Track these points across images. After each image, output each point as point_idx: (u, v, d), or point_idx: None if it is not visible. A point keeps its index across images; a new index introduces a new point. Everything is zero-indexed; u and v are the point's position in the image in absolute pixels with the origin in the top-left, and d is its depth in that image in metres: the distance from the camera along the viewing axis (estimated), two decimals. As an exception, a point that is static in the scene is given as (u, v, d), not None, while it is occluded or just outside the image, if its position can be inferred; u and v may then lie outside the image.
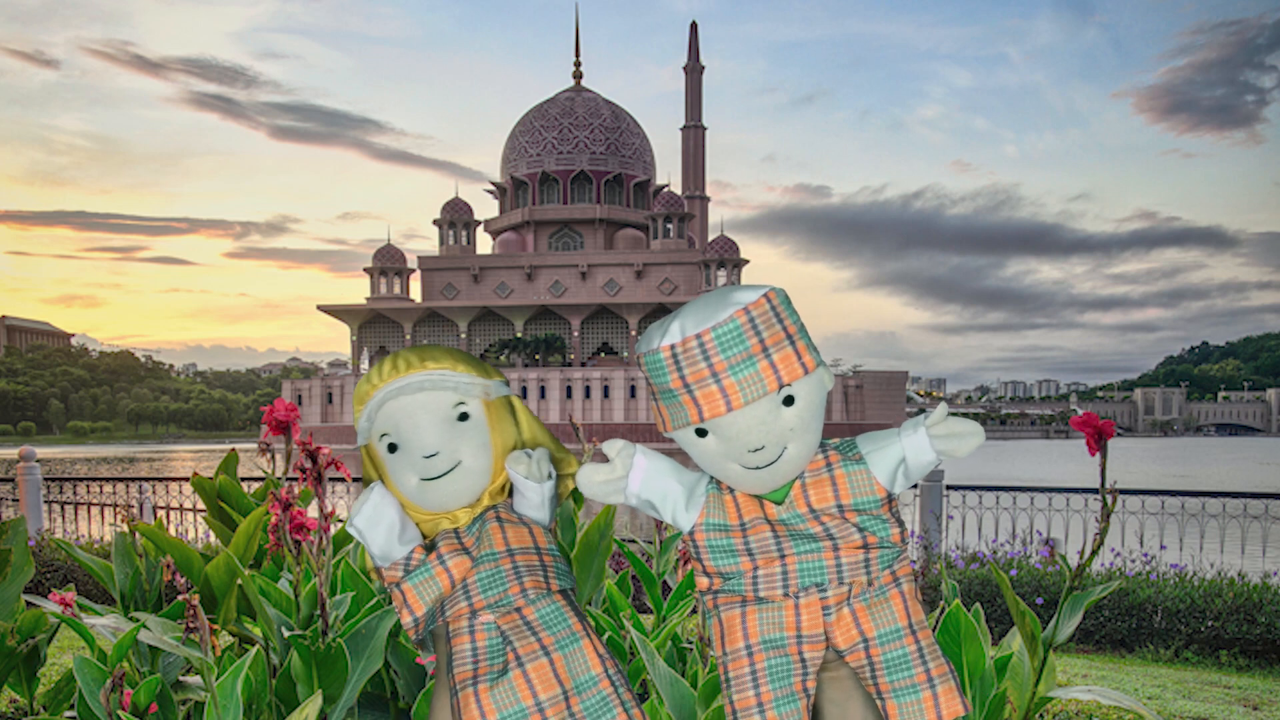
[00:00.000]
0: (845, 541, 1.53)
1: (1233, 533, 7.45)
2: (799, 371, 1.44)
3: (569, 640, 1.68)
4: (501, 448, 1.69)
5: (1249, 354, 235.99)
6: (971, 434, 1.53)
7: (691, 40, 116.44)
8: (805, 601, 1.55)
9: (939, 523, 7.66)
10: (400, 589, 1.67)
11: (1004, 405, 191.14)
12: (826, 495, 1.53)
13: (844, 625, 1.55)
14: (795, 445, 1.47)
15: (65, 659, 4.26)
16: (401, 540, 1.67)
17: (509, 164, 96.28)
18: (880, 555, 1.55)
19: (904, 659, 1.54)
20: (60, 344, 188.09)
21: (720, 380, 1.42)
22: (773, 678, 1.55)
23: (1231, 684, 4.93)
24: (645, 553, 3.09)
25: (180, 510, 10.07)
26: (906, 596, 1.58)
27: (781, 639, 1.56)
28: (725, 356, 1.41)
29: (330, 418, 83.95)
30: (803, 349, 1.46)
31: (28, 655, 2.48)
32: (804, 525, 1.53)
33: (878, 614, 1.55)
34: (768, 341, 1.43)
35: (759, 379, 1.41)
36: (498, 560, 1.67)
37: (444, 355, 1.68)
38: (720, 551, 1.57)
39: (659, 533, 2.89)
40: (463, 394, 1.64)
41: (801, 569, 1.54)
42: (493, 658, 1.64)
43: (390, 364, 1.67)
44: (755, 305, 1.44)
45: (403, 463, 1.63)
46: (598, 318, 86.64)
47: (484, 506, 1.70)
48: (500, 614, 1.66)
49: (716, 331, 1.42)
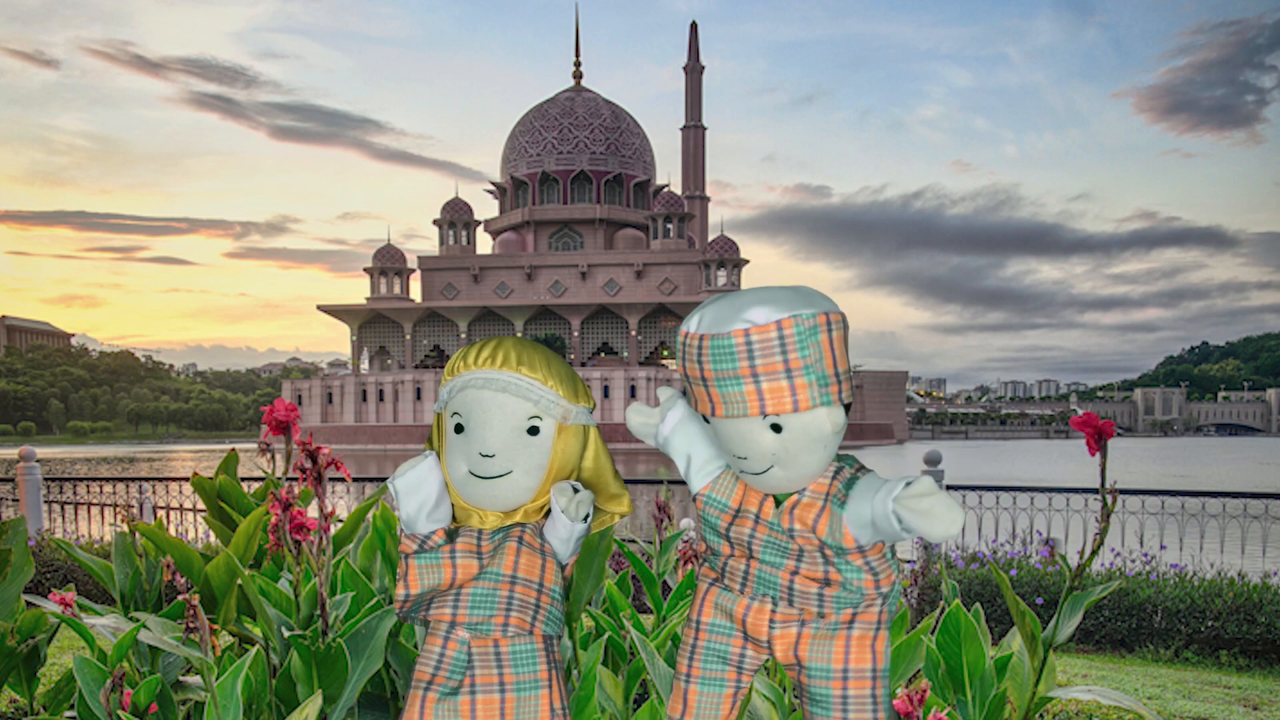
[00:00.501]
0: (806, 569, 1.53)
1: (1233, 533, 7.45)
2: (787, 407, 1.38)
3: (530, 685, 1.66)
4: (557, 472, 1.67)
5: (1249, 354, 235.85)
6: (946, 519, 1.35)
7: (691, 40, 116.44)
8: (756, 606, 1.58)
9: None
10: (407, 562, 1.68)
11: (1004, 405, 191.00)
12: (808, 520, 1.51)
13: (785, 642, 1.57)
14: (781, 470, 1.45)
15: (65, 659, 4.26)
16: (430, 517, 1.66)
17: (509, 164, 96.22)
18: (836, 595, 1.53)
19: (826, 699, 1.55)
20: (60, 344, 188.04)
21: (708, 386, 1.43)
22: (708, 658, 1.64)
23: (1231, 684, 4.93)
24: (645, 553, 3.09)
25: (180, 510, 10.06)
26: (853, 642, 1.55)
27: (729, 628, 1.63)
28: (715, 369, 1.41)
29: (330, 418, 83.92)
30: (800, 386, 1.38)
31: (28, 655, 2.48)
32: (781, 536, 1.53)
33: (817, 647, 1.56)
34: (760, 369, 1.37)
35: (742, 400, 1.40)
36: (498, 582, 1.66)
37: (542, 364, 1.64)
38: (710, 527, 1.62)
39: (659, 533, 2.89)
40: (541, 409, 1.62)
41: (759, 576, 1.57)
42: (452, 673, 1.64)
43: (489, 350, 1.65)
44: (759, 330, 1.37)
45: (461, 448, 1.63)
46: (598, 318, 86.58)
47: (516, 520, 1.69)
48: (476, 636, 1.65)
49: (713, 343, 1.40)
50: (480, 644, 1.65)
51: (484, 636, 1.65)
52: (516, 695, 1.65)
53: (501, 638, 1.66)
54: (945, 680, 2.26)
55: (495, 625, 1.65)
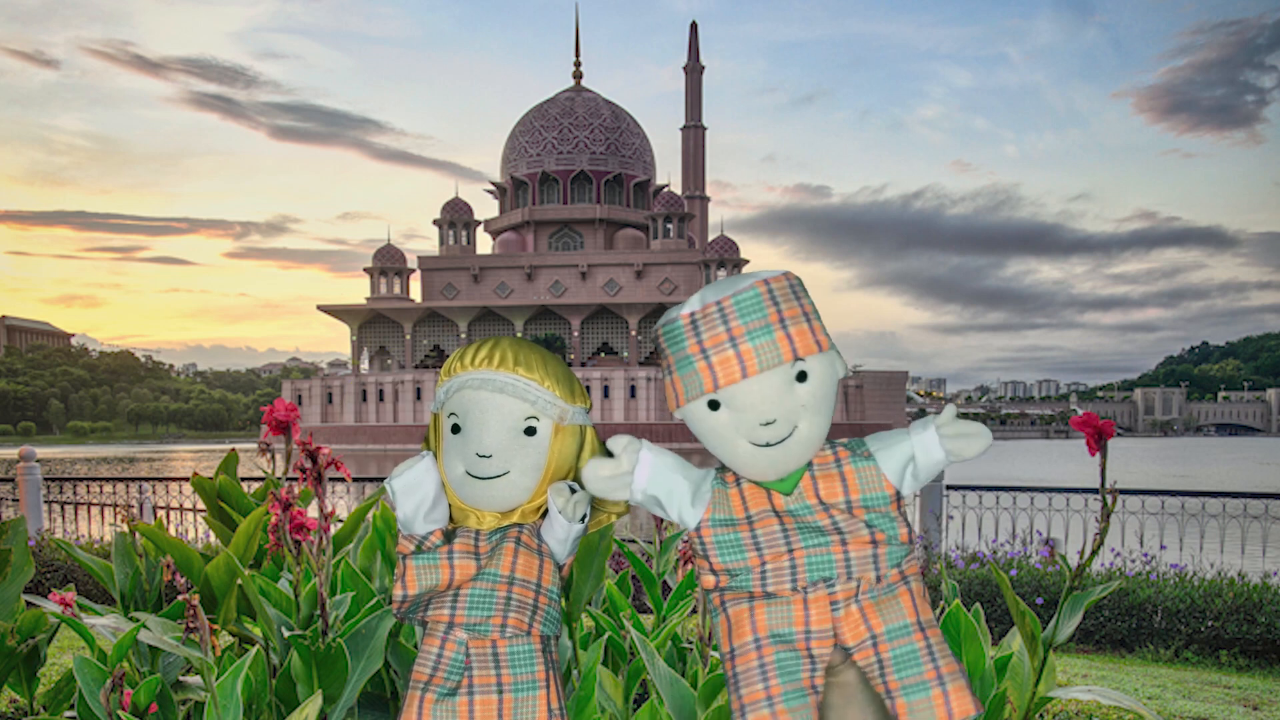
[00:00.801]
0: (853, 536, 1.52)
1: (1233, 533, 7.45)
2: (814, 347, 1.46)
3: (527, 686, 1.67)
4: (554, 472, 1.67)
5: (1249, 354, 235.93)
6: (979, 435, 1.52)
7: (691, 40, 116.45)
8: (813, 596, 1.52)
9: (939, 523, 7.66)
10: (404, 563, 1.67)
11: (1004, 405, 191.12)
12: (836, 490, 1.52)
13: (852, 621, 1.52)
14: (806, 424, 1.47)
15: (65, 659, 4.26)
16: (427, 518, 1.66)
17: (509, 164, 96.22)
18: (888, 552, 1.53)
19: (913, 655, 1.52)
20: (60, 344, 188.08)
21: (738, 345, 1.44)
22: (782, 672, 1.52)
23: (1231, 684, 4.93)
24: (645, 553, 3.09)
25: (180, 510, 10.06)
26: (915, 595, 1.57)
27: (790, 634, 1.53)
28: (744, 321, 1.44)
29: (330, 418, 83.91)
30: (818, 328, 1.49)
31: (28, 655, 2.48)
32: (812, 517, 1.52)
33: (886, 610, 1.53)
34: (785, 314, 1.46)
35: (775, 347, 1.44)
36: (495, 583, 1.66)
37: (539, 364, 1.65)
38: (728, 547, 1.55)
39: (659, 533, 2.89)
40: (538, 410, 1.62)
41: (810, 563, 1.52)
42: (450, 673, 1.64)
43: (486, 351, 1.65)
44: (775, 280, 1.48)
45: (458, 449, 1.63)
46: (598, 318, 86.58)
47: (513, 520, 1.69)
48: (474, 637, 1.65)
49: (737, 298, 1.45)
50: (478, 645, 1.65)
51: (482, 637, 1.65)
52: (514, 696, 1.65)
53: (499, 638, 1.66)
54: (945, 680, 2.26)
55: (493, 626, 1.65)
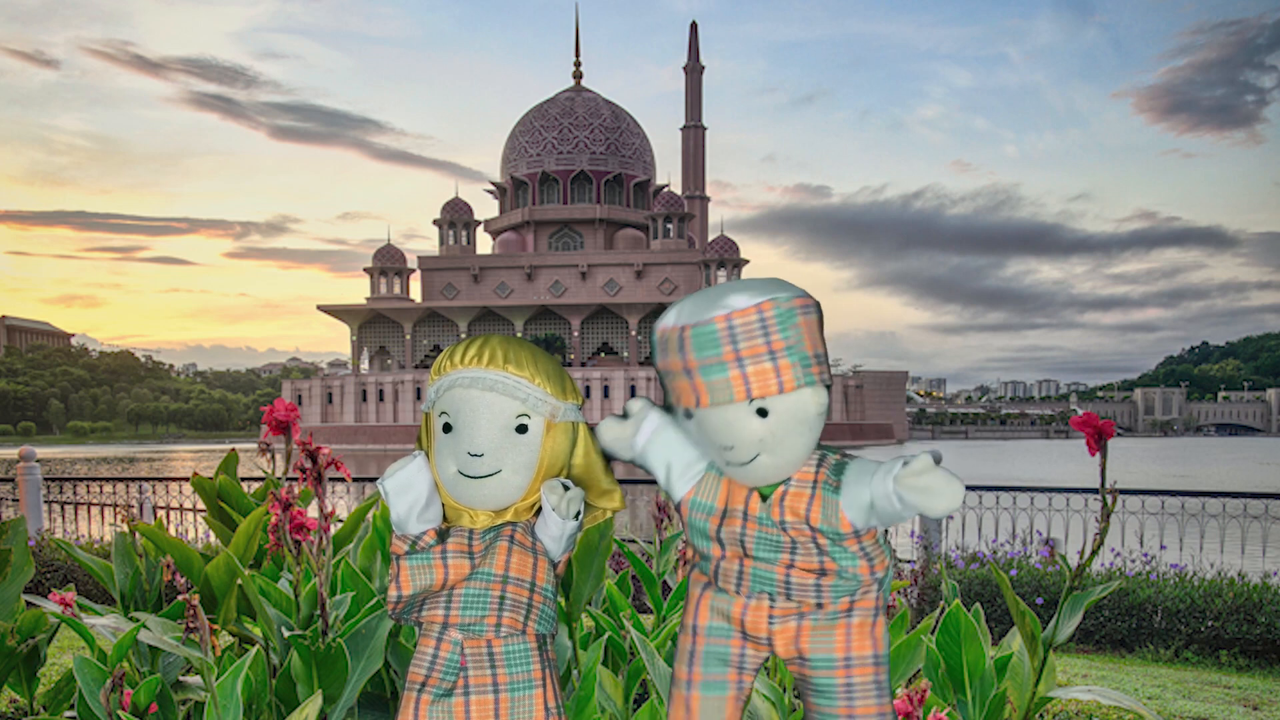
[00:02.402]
0: (802, 561, 1.52)
1: (1233, 533, 7.45)
2: (772, 389, 1.40)
3: (524, 685, 1.67)
4: (547, 469, 1.67)
5: (1249, 354, 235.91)
6: (947, 494, 1.39)
7: (691, 40, 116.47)
8: (753, 604, 1.56)
9: (939, 523, 7.66)
10: (398, 563, 1.67)
11: (1004, 405, 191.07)
12: (800, 510, 1.51)
13: (785, 637, 1.56)
14: (769, 457, 1.45)
15: (65, 659, 4.26)
16: (420, 518, 1.66)
17: (509, 164, 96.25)
18: (834, 585, 1.53)
19: (830, 689, 1.55)
20: (60, 344, 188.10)
21: (691, 377, 1.43)
22: (708, 661, 1.60)
23: (1231, 684, 4.93)
24: (645, 553, 3.09)
25: (180, 510, 10.07)
26: (853, 629, 1.55)
27: (727, 629, 1.60)
28: (698, 356, 1.41)
29: (330, 418, 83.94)
30: (784, 367, 1.40)
31: (28, 655, 2.48)
32: (773, 530, 1.52)
33: (818, 638, 1.55)
34: (743, 353, 1.39)
35: (727, 385, 1.40)
36: (489, 583, 1.66)
37: (529, 361, 1.65)
38: (697, 532, 1.59)
39: (659, 533, 2.89)
40: (529, 408, 1.62)
41: (755, 574, 1.55)
42: (446, 674, 1.64)
43: (475, 349, 1.64)
44: (741, 314, 1.40)
45: (450, 448, 1.62)
46: (598, 318, 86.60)
47: (507, 519, 1.69)
48: (469, 637, 1.65)
49: (694, 330, 1.41)
50: (473, 644, 1.65)
51: (477, 637, 1.65)
52: (510, 695, 1.65)
53: (495, 638, 1.66)
54: (945, 680, 2.26)
55: (488, 626, 1.65)
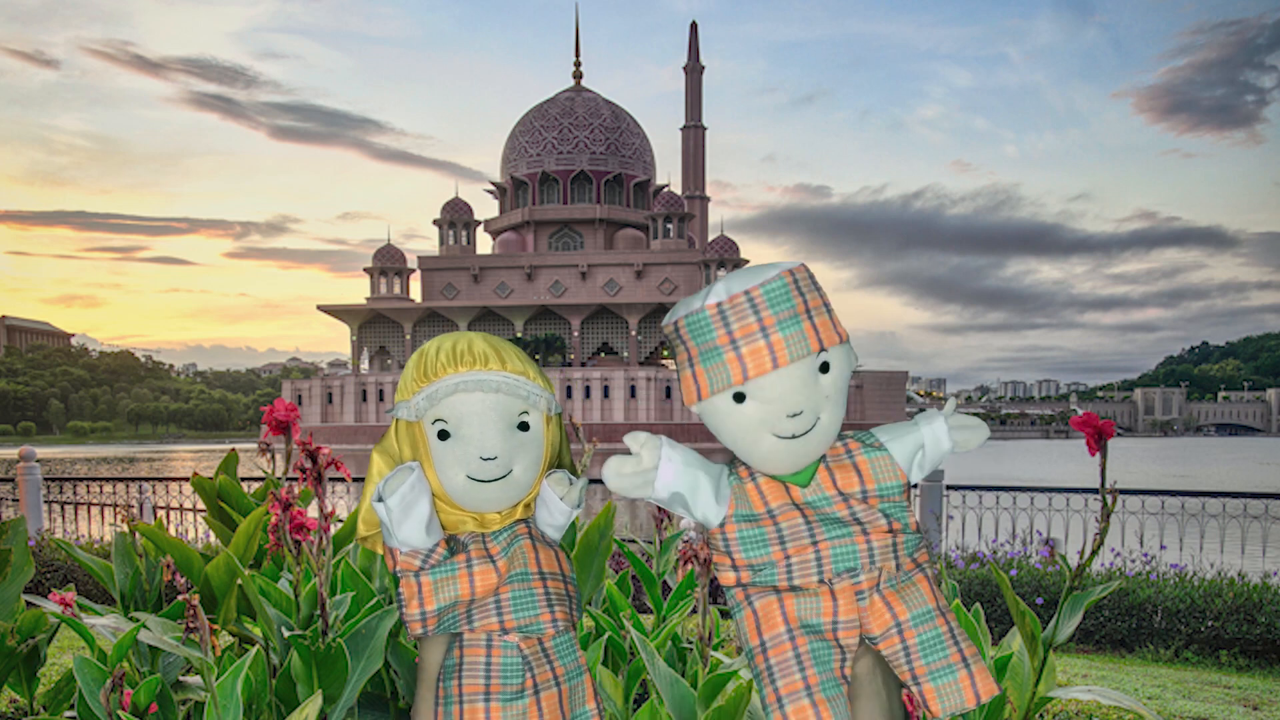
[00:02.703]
0: (873, 526, 1.55)
1: (1233, 533, 7.45)
2: (835, 338, 1.49)
3: (576, 673, 1.71)
4: (545, 464, 1.69)
5: (1249, 354, 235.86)
6: (979, 428, 1.63)
7: (691, 40, 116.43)
8: (840, 587, 1.53)
9: (939, 523, 7.66)
10: (418, 580, 1.63)
11: (1004, 405, 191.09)
12: (852, 480, 1.55)
13: (877, 610, 1.54)
14: (828, 414, 1.50)
15: (65, 659, 4.26)
16: (429, 531, 1.63)
17: (509, 164, 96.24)
18: (905, 541, 1.57)
19: (937, 640, 1.54)
20: (60, 344, 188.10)
21: (769, 335, 1.44)
22: (817, 661, 1.52)
23: (1231, 684, 4.93)
24: (645, 553, 3.09)
25: (180, 510, 10.07)
26: (931, 582, 1.60)
27: (819, 624, 1.54)
28: (774, 312, 1.44)
29: (330, 418, 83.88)
30: (836, 319, 1.52)
31: (28, 655, 2.48)
32: (831, 509, 1.54)
33: (908, 597, 1.56)
34: (810, 304, 1.48)
35: (803, 338, 1.45)
36: (530, 582, 1.66)
37: (517, 358, 1.66)
38: (752, 543, 1.55)
39: (659, 533, 2.89)
40: (530, 404, 1.63)
41: (835, 554, 1.53)
42: (507, 677, 1.63)
43: (467, 350, 1.62)
44: (798, 270, 1.50)
45: (453, 456, 1.59)
46: (598, 318, 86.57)
47: (515, 517, 1.69)
48: (525, 637, 1.65)
49: (765, 288, 1.45)
50: (528, 644, 1.65)
51: (533, 636, 1.66)
52: (569, 685, 1.69)
53: (551, 633, 1.67)
54: (945, 680, 2.26)
55: (544, 623, 1.66)
